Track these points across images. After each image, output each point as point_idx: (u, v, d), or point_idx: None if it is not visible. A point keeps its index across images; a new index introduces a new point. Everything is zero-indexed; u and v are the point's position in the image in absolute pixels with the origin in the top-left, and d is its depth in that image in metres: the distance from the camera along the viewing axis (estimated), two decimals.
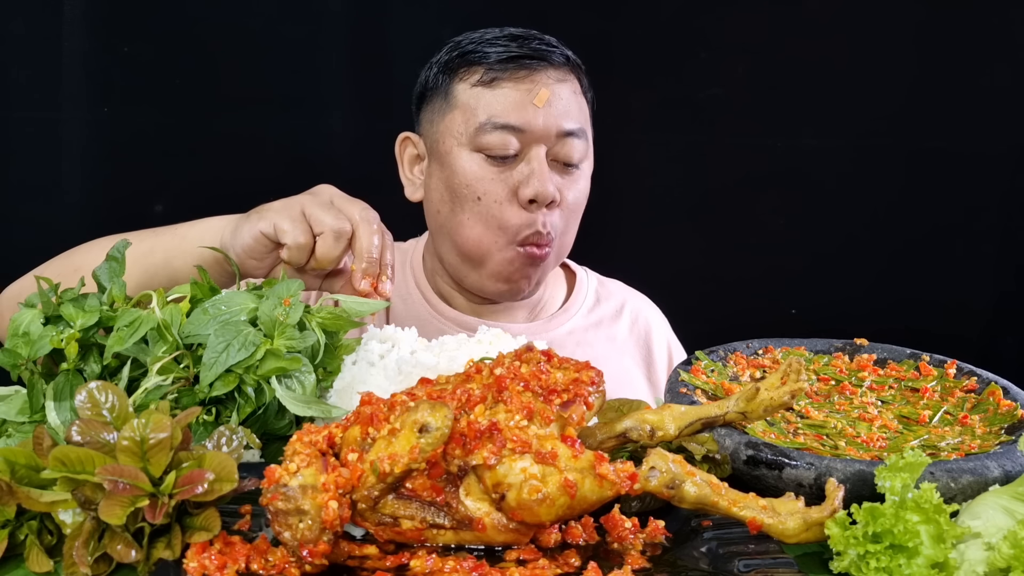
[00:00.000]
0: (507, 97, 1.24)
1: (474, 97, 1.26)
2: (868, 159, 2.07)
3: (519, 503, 0.67)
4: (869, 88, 2.04)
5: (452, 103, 1.28)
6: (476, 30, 1.31)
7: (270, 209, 1.04)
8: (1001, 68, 2.03)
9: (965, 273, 2.12)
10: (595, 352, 1.36)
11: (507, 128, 1.23)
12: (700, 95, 2.02)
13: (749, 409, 0.79)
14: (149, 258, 1.11)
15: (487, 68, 1.26)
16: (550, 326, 1.39)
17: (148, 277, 1.10)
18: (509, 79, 1.25)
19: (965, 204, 2.08)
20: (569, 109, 1.26)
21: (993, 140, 2.05)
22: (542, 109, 1.23)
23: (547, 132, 1.24)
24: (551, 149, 1.25)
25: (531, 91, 1.24)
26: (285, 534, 0.65)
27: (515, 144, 1.23)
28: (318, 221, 1.01)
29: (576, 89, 1.29)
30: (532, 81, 1.25)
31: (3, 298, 1.19)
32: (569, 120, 1.26)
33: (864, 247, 2.10)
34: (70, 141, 1.96)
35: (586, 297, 1.45)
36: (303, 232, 1.01)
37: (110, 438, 0.68)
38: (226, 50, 1.96)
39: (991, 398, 0.91)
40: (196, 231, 1.11)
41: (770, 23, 2.02)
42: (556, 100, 1.25)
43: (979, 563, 0.63)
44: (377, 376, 0.92)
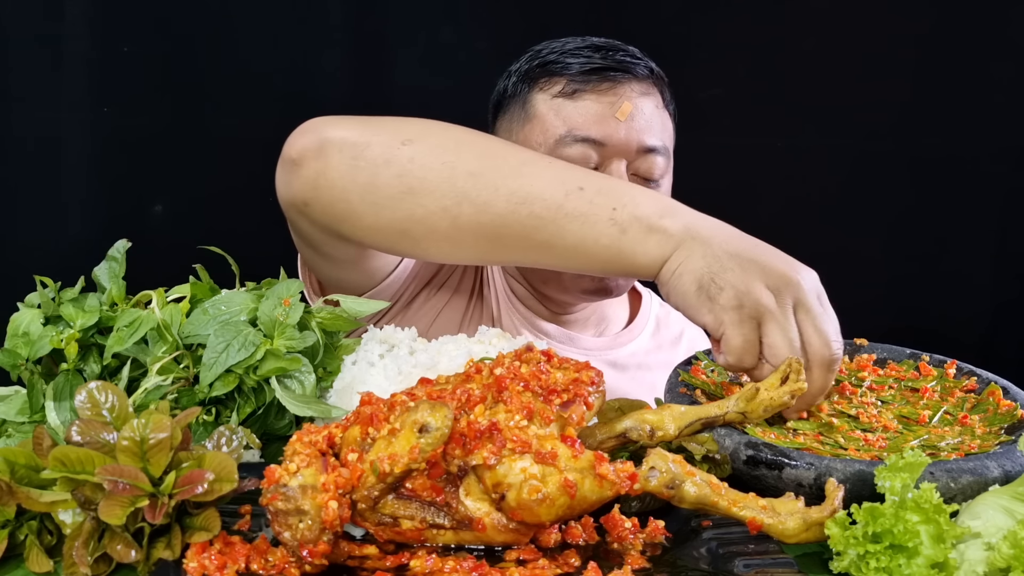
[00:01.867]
0: (588, 110, 1.20)
1: (554, 109, 1.22)
2: (868, 159, 2.07)
3: (519, 503, 0.67)
4: (870, 88, 2.04)
5: (531, 113, 1.24)
6: (556, 39, 1.28)
7: (726, 291, 0.84)
8: (1003, 69, 2.03)
9: (965, 273, 2.12)
10: (653, 377, 1.35)
11: (587, 141, 1.19)
12: (700, 95, 2.02)
13: (749, 409, 0.79)
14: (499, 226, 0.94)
15: (569, 79, 1.22)
16: (615, 344, 1.38)
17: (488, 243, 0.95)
18: (591, 91, 1.21)
19: (966, 204, 2.08)
20: (652, 124, 1.22)
21: (994, 141, 2.05)
22: (624, 123, 1.19)
23: (628, 146, 1.20)
24: (631, 164, 1.21)
25: (614, 104, 1.20)
26: (285, 534, 0.65)
27: (595, 158, 1.19)
28: (771, 348, 0.84)
29: (659, 103, 1.25)
30: (615, 94, 1.21)
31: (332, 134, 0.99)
32: (651, 136, 1.21)
33: (864, 247, 2.10)
34: (70, 141, 1.96)
35: (649, 320, 1.44)
36: (750, 357, 0.84)
37: (110, 438, 0.68)
38: (226, 50, 1.96)
39: (991, 398, 0.91)
40: (577, 229, 0.92)
41: (770, 23, 2.02)
42: (639, 114, 1.21)
43: (979, 563, 0.63)
44: (377, 376, 0.92)
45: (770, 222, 2.06)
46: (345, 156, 0.96)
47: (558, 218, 0.92)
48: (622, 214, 0.91)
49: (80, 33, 1.91)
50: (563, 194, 0.92)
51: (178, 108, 1.97)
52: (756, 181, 2.07)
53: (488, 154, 0.96)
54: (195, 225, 1.89)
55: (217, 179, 1.99)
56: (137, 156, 1.99)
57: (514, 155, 0.97)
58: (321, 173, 0.97)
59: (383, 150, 0.96)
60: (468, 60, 1.97)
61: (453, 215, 0.94)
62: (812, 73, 2.03)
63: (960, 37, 2.01)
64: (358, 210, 0.97)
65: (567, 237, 0.92)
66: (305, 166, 0.98)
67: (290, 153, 1.00)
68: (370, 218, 0.97)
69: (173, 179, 1.99)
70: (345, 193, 0.97)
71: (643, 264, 0.91)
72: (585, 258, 0.93)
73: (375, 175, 0.95)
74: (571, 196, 0.92)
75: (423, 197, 0.94)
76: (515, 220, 0.93)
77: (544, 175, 0.94)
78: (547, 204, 0.92)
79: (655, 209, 0.91)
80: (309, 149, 0.98)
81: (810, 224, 2.08)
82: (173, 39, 1.94)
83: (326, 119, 1.01)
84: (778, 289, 0.84)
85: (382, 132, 0.98)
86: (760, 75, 2.03)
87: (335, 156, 0.97)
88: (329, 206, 0.98)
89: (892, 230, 2.10)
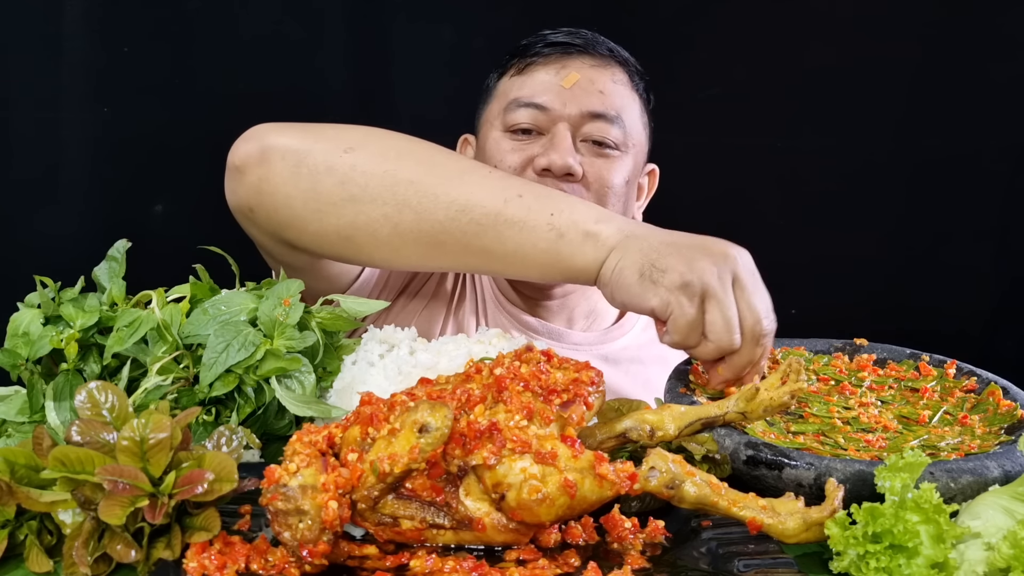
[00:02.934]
0: (536, 79, 1.26)
1: (509, 85, 1.29)
2: (868, 158, 2.07)
3: (519, 503, 0.67)
4: (870, 88, 2.04)
5: (492, 95, 1.32)
6: None
7: (669, 274, 0.86)
8: (1003, 68, 2.03)
9: (965, 273, 2.11)
10: (647, 371, 1.36)
11: (531, 106, 1.24)
12: (700, 95, 2.02)
13: (749, 409, 0.79)
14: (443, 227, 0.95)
15: (523, 58, 1.29)
16: (607, 338, 1.39)
17: (430, 249, 0.97)
18: (542, 64, 1.27)
19: (965, 204, 2.08)
20: (605, 94, 1.26)
21: (994, 140, 2.05)
22: (569, 90, 1.24)
23: (571, 112, 1.24)
24: (579, 129, 1.24)
25: (560, 73, 1.26)
26: (285, 534, 0.65)
27: (541, 120, 1.24)
28: (713, 327, 0.85)
29: (620, 79, 1.29)
30: (563, 65, 1.26)
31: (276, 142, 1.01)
32: (599, 104, 1.25)
33: (864, 247, 2.10)
34: (70, 141, 1.96)
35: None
36: (695, 335, 0.86)
37: (110, 438, 0.68)
38: (226, 50, 1.96)
39: (991, 398, 0.91)
40: (515, 235, 0.94)
41: (770, 23, 2.02)
42: (587, 84, 1.25)
43: (979, 563, 0.63)
44: (377, 376, 0.92)
45: (769, 222, 2.07)
46: (287, 163, 0.98)
47: (497, 224, 0.93)
48: (559, 219, 0.93)
49: (80, 33, 1.91)
50: (502, 201, 0.94)
51: (178, 108, 1.97)
52: (755, 181, 2.06)
53: (429, 162, 0.98)
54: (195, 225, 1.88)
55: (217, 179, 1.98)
56: (137, 156, 1.98)
57: (454, 163, 0.99)
58: (264, 179, 0.99)
59: (325, 157, 0.97)
60: (467, 60, 1.97)
61: (394, 222, 0.96)
62: (812, 73, 2.03)
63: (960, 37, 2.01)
64: (301, 216, 0.99)
65: (506, 243, 0.94)
66: (248, 173, 1.00)
67: (234, 160, 1.02)
68: (314, 224, 0.99)
69: (173, 179, 1.99)
70: (288, 200, 0.98)
71: (580, 267, 0.92)
72: (523, 264, 0.95)
73: (317, 182, 0.97)
74: (510, 203, 0.94)
75: (364, 204, 0.96)
76: (455, 227, 0.94)
77: (484, 183, 0.96)
78: (486, 211, 0.94)
79: (591, 215, 0.93)
80: (252, 156, 1.00)
81: (810, 224, 2.08)
82: (173, 39, 1.94)
83: (270, 126, 1.02)
84: (719, 266, 0.86)
85: (324, 139, 0.99)
86: (760, 75, 2.03)
87: (278, 163, 0.98)
88: (273, 212, 1.00)
89: (892, 230, 2.10)
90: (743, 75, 2.03)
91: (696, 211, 1.65)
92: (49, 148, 1.96)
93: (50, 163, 1.97)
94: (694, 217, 1.80)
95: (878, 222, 2.10)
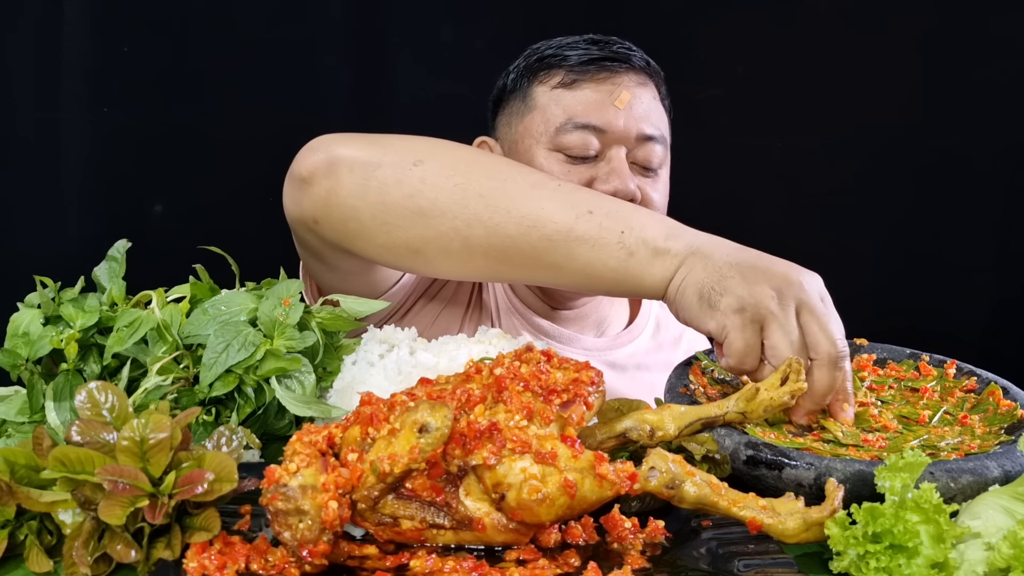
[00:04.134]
0: (588, 98, 1.23)
1: (554, 99, 1.25)
2: (868, 159, 2.07)
3: (519, 503, 0.67)
4: (869, 88, 2.04)
5: (531, 105, 1.27)
6: (553, 39, 1.32)
7: (727, 297, 0.85)
8: (1003, 68, 2.03)
9: (965, 273, 2.12)
10: (652, 378, 1.36)
11: (588, 128, 1.22)
12: (700, 95, 2.02)
13: (749, 409, 0.79)
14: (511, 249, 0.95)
15: (567, 70, 1.25)
16: (615, 345, 1.39)
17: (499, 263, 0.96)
18: (590, 80, 1.24)
19: (966, 204, 2.08)
20: (649, 113, 1.25)
21: (994, 141, 2.05)
22: (623, 111, 1.22)
23: (627, 134, 1.23)
24: (631, 152, 1.23)
25: (612, 92, 1.23)
26: (285, 534, 0.65)
27: (595, 145, 1.22)
28: (774, 351, 0.84)
29: (655, 95, 1.29)
30: (613, 83, 1.24)
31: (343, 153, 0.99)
32: (649, 124, 1.24)
33: (864, 247, 2.10)
34: (70, 141, 1.96)
35: (649, 320, 1.44)
36: (751, 360, 0.85)
37: (110, 438, 0.68)
38: (226, 50, 1.96)
39: (991, 398, 0.91)
40: (586, 252, 0.93)
41: (770, 23, 2.02)
42: (636, 103, 1.24)
43: (979, 563, 0.63)
44: (377, 376, 0.92)
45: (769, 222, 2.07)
46: (356, 175, 0.97)
47: (568, 241, 0.93)
48: (630, 237, 0.92)
49: (80, 33, 1.91)
50: (573, 217, 0.93)
51: (178, 108, 1.97)
52: (755, 181, 2.07)
53: (498, 175, 0.97)
54: (195, 225, 1.89)
55: (217, 179, 1.99)
56: (137, 156, 1.99)
57: (524, 177, 0.98)
58: (332, 192, 0.98)
59: (394, 170, 0.96)
60: (468, 60, 1.97)
61: (464, 236, 0.95)
62: (812, 73, 2.03)
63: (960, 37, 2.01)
64: (370, 229, 0.98)
65: (576, 260, 0.93)
66: (315, 184, 0.98)
67: (300, 171, 1.00)
68: (382, 237, 0.98)
69: (173, 179, 1.99)
70: (356, 212, 0.97)
71: (649, 285, 0.92)
72: (593, 280, 0.94)
73: (386, 195, 0.96)
74: (581, 219, 0.93)
75: (434, 218, 0.95)
76: (525, 242, 0.94)
77: (554, 197, 0.95)
78: (557, 227, 0.93)
79: (661, 231, 0.92)
80: (320, 167, 0.98)
81: (809, 225, 2.08)
82: (173, 40, 1.94)
83: (335, 136, 1.01)
84: (780, 291, 0.85)
85: (392, 152, 0.98)
86: (759, 75, 2.03)
87: (346, 175, 0.97)
88: (340, 224, 0.99)
89: (892, 230, 2.10)
90: (743, 75, 2.03)
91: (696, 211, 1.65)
92: (49, 148, 1.96)
93: (50, 163, 1.97)
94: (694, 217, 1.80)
95: (878, 222, 2.10)
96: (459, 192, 0.95)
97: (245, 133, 1.97)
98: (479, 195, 0.95)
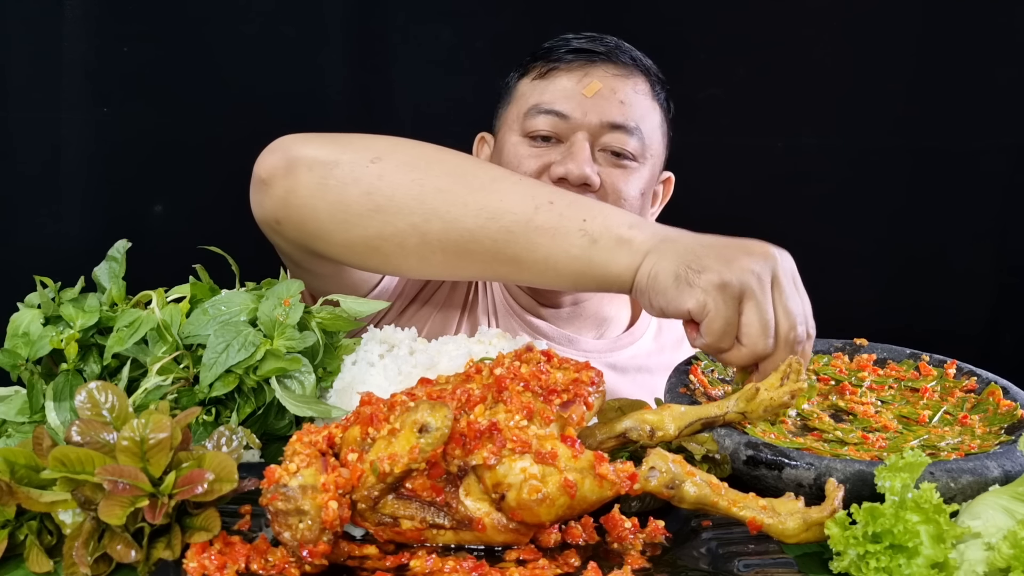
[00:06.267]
0: (559, 86, 1.26)
1: (531, 88, 1.28)
2: (868, 159, 2.07)
3: (519, 503, 0.67)
4: (869, 88, 2.03)
5: (513, 97, 1.31)
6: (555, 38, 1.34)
7: (706, 274, 0.83)
8: (1002, 67, 2.03)
9: (965, 272, 2.11)
10: (654, 380, 1.36)
11: (551, 113, 1.24)
12: (700, 95, 2.02)
13: (749, 409, 0.79)
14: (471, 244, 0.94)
15: (546, 61, 1.28)
16: (616, 346, 1.39)
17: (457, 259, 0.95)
18: (564, 70, 1.26)
19: (965, 203, 2.08)
20: (625, 104, 1.25)
21: (994, 140, 2.05)
22: (591, 99, 1.23)
23: (590, 121, 1.23)
24: (598, 139, 1.24)
25: (582, 81, 1.25)
26: (285, 534, 0.65)
27: (560, 128, 1.24)
28: (748, 330, 0.83)
29: (641, 90, 1.28)
30: (586, 72, 1.25)
31: (301, 153, 1.00)
32: (619, 114, 1.24)
33: (864, 247, 2.10)
34: (70, 141, 1.95)
35: (651, 322, 1.44)
36: (728, 339, 0.84)
37: (110, 438, 0.68)
38: (226, 50, 1.96)
39: (991, 398, 0.91)
40: (547, 242, 0.91)
41: (770, 23, 2.02)
42: (609, 93, 1.24)
43: (979, 563, 0.63)
44: (377, 376, 0.92)
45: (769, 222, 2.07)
46: (314, 175, 0.97)
47: (528, 231, 0.92)
48: (592, 225, 0.91)
49: (80, 33, 1.91)
50: (533, 208, 0.92)
51: (178, 108, 1.97)
52: (755, 181, 2.06)
53: (457, 171, 0.97)
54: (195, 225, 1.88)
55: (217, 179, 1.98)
56: (137, 156, 1.98)
57: (483, 171, 0.98)
58: (291, 191, 0.98)
59: (352, 168, 0.96)
60: (468, 60, 1.97)
61: (422, 231, 0.94)
62: (811, 73, 2.03)
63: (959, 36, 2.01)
64: (328, 228, 0.98)
65: (537, 250, 0.92)
66: (275, 185, 0.99)
67: (259, 172, 1.01)
68: (340, 235, 0.98)
69: (173, 179, 1.99)
70: (315, 212, 0.97)
71: (615, 275, 0.90)
72: (556, 272, 0.93)
73: (344, 193, 0.96)
74: (541, 210, 0.92)
75: (392, 215, 0.95)
76: (484, 235, 0.93)
77: (514, 190, 0.94)
78: (517, 218, 0.92)
79: (625, 221, 0.91)
80: (278, 168, 0.99)
81: (809, 224, 2.08)
82: (173, 39, 1.94)
83: (294, 137, 1.01)
84: (760, 266, 0.84)
85: (350, 150, 0.98)
86: (759, 75, 2.03)
87: (304, 175, 0.97)
88: (300, 224, 0.99)
89: (891, 230, 2.10)
90: (743, 75, 2.03)
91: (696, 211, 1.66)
92: (49, 148, 1.96)
93: (50, 163, 1.97)
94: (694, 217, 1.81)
95: (878, 222, 2.10)
96: (416, 187, 0.94)
97: (245, 133, 1.96)
98: (437, 190, 0.94)
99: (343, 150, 0.98)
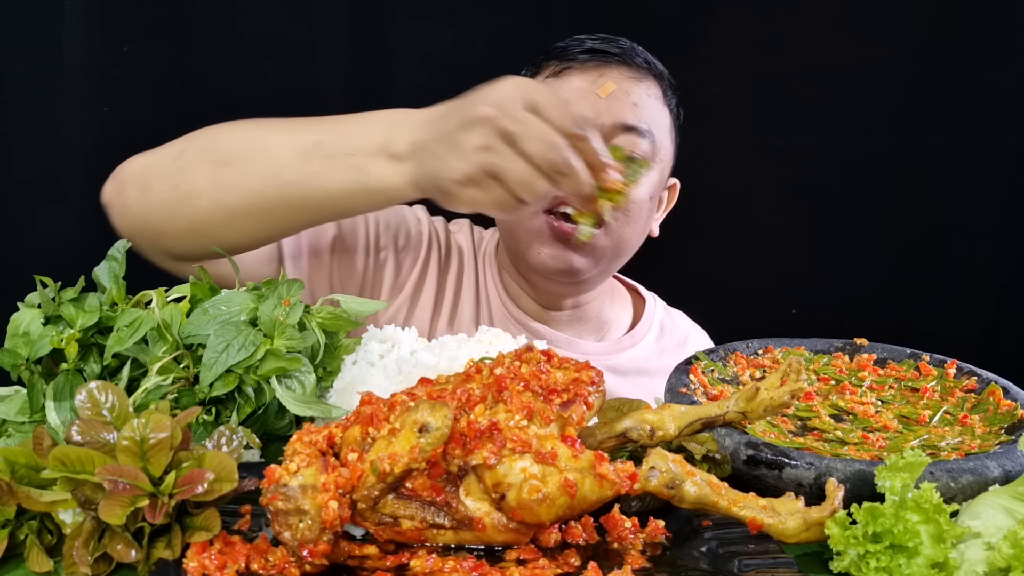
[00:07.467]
0: (572, 85, 1.25)
1: None
2: (868, 158, 2.07)
3: (519, 503, 0.67)
4: (869, 87, 2.03)
5: None
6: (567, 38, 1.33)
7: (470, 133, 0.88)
8: (1002, 67, 2.03)
9: (965, 273, 2.11)
10: (654, 383, 1.35)
11: None
12: (700, 95, 2.02)
13: (749, 409, 0.79)
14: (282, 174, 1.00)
15: (560, 60, 1.28)
16: (616, 349, 1.39)
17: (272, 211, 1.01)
18: (579, 70, 1.26)
19: (965, 203, 2.08)
20: (638, 106, 1.25)
21: (993, 139, 2.05)
22: (604, 100, 1.23)
23: (604, 122, 1.22)
24: (610, 141, 1.23)
25: (596, 82, 1.24)
26: (285, 534, 0.65)
27: None
28: (511, 178, 0.87)
29: (653, 94, 1.28)
30: (600, 73, 1.25)
31: (127, 171, 1.09)
32: (632, 116, 1.24)
33: (864, 246, 2.10)
34: (70, 141, 1.95)
35: (652, 325, 1.44)
36: (541, 182, 0.88)
37: (110, 438, 0.68)
38: (226, 50, 1.96)
39: (991, 398, 0.91)
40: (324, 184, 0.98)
41: (770, 23, 2.02)
42: (622, 95, 1.24)
43: (979, 563, 0.63)
44: (377, 376, 0.92)
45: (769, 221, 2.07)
46: (137, 186, 1.05)
47: (306, 180, 0.98)
48: (357, 159, 0.96)
49: (80, 33, 1.91)
50: (301, 156, 0.98)
51: (178, 108, 1.97)
52: (754, 180, 2.06)
53: (240, 140, 1.03)
54: None
55: None
56: None
57: (259, 131, 1.03)
58: (125, 207, 1.06)
59: (161, 169, 1.04)
60: (468, 60, 1.97)
61: (223, 205, 1.01)
62: (811, 73, 2.03)
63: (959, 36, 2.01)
64: (158, 227, 1.04)
65: (319, 193, 0.98)
66: (113, 206, 1.07)
67: (103, 200, 1.08)
68: (167, 229, 1.04)
69: None
70: (145, 217, 1.05)
71: (397, 188, 0.95)
72: (351, 204, 0.99)
73: (159, 193, 1.03)
74: (309, 156, 0.98)
75: (196, 198, 1.02)
76: (273, 193, 0.99)
77: (285, 142, 1.00)
78: (292, 170, 0.98)
79: (383, 139, 0.96)
80: (111, 190, 1.07)
81: (809, 224, 2.08)
82: (173, 39, 1.94)
83: (130, 159, 1.09)
84: (504, 99, 0.88)
85: (162, 153, 1.06)
86: (759, 75, 2.03)
87: (130, 189, 1.05)
88: (140, 233, 1.05)
89: (891, 230, 2.10)
90: (743, 75, 2.03)
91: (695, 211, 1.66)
92: (49, 148, 1.96)
93: (50, 163, 1.97)
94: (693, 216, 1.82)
95: (878, 221, 2.10)
96: (212, 168, 1.01)
97: None
98: (225, 163, 1.01)
99: (156, 155, 1.06)
